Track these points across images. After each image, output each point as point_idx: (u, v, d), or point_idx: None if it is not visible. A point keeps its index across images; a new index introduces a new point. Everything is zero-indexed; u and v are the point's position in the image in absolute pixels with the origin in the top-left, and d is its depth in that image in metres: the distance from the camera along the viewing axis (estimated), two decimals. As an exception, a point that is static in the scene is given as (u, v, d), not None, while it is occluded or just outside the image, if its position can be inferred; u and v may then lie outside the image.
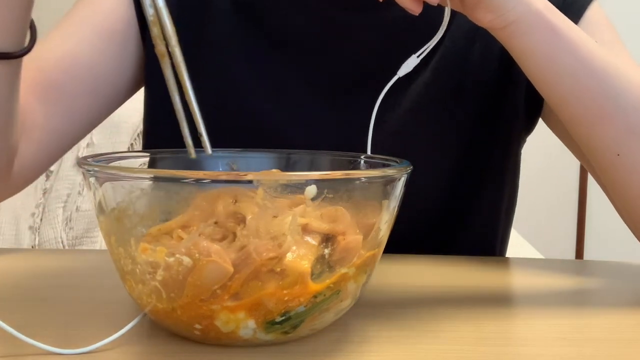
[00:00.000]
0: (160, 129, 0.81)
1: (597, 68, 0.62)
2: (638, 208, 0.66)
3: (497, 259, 0.83)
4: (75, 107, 0.76)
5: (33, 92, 0.72)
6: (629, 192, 0.65)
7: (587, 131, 0.65)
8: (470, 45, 0.78)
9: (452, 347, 0.49)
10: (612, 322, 0.57)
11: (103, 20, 0.78)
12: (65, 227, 1.27)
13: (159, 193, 0.46)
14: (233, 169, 0.60)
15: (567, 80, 0.63)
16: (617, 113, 0.62)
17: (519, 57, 0.64)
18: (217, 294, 0.44)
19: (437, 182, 0.79)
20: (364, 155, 0.59)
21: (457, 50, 0.78)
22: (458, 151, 0.79)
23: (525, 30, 0.61)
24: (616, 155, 0.63)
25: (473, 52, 0.78)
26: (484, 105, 0.79)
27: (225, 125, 0.77)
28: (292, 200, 0.45)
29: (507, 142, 0.82)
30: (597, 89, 0.62)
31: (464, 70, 0.78)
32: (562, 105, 0.65)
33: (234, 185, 0.46)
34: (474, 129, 0.79)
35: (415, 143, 0.78)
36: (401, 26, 0.75)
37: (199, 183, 0.45)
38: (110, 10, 0.78)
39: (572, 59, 0.62)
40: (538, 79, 0.65)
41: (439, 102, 0.78)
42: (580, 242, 2.62)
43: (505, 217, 0.86)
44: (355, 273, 0.47)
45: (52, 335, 0.49)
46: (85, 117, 0.77)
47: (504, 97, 0.79)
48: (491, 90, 0.79)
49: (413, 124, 0.78)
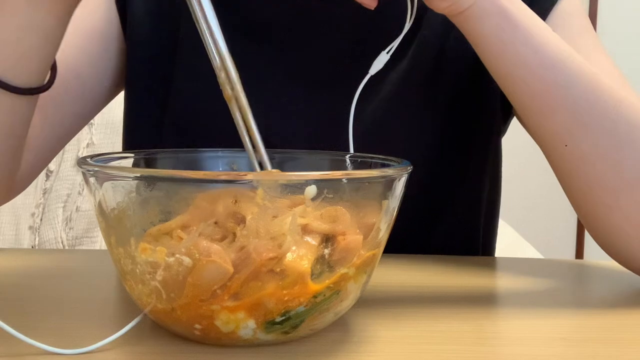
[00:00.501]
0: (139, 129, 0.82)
1: (550, 57, 0.62)
2: (586, 198, 0.66)
3: (497, 258, 0.83)
4: (66, 113, 0.77)
5: None
6: (577, 183, 0.66)
7: (537, 120, 0.65)
8: (447, 33, 0.78)
9: (452, 347, 0.49)
10: (612, 322, 0.57)
11: (85, 21, 0.78)
12: (65, 227, 1.27)
13: (159, 193, 0.46)
14: (233, 169, 0.60)
15: (519, 68, 0.63)
16: (566, 103, 0.62)
17: (473, 42, 0.64)
18: (217, 294, 0.44)
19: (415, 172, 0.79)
20: (364, 155, 0.59)
21: (434, 38, 0.78)
22: (435, 139, 0.79)
23: (480, 15, 0.61)
24: (564, 145, 0.63)
25: (449, 40, 0.78)
26: (460, 94, 0.79)
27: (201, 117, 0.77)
28: (292, 200, 0.45)
29: (485, 131, 0.82)
30: (549, 78, 0.62)
31: (441, 58, 0.78)
32: (514, 93, 0.65)
33: (234, 186, 0.46)
34: (451, 118, 0.79)
35: (393, 132, 0.77)
36: (378, 15, 0.75)
37: (199, 183, 0.45)
38: (92, 11, 0.79)
39: (525, 46, 0.62)
40: (491, 65, 0.64)
41: (416, 91, 0.78)
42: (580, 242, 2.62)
43: (489, 208, 0.85)
44: (355, 273, 0.47)
45: (52, 335, 0.49)
46: (75, 120, 0.79)
47: (481, 85, 0.78)
48: (468, 78, 0.78)
49: (390, 114, 0.77)
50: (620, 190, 0.63)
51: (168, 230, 0.46)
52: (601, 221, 0.66)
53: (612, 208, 0.64)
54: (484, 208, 0.84)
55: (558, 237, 2.59)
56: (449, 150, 0.79)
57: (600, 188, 0.64)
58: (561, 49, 0.63)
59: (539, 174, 2.35)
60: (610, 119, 0.62)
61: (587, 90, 0.62)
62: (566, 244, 2.63)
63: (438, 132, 0.79)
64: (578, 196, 0.67)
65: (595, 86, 0.63)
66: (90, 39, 0.78)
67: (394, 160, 0.54)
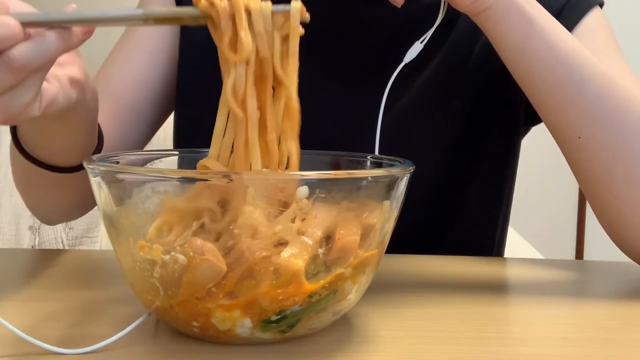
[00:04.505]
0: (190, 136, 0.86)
1: (565, 54, 0.65)
2: (597, 188, 0.68)
3: (497, 259, 0.83)
4: (141, 122, 0.83)
5: (111, 116, 0.79)
6: (589, 173, 0.68)
7: (553, 114, 0.68)
8: (474, 42, 0.81)
9: (452, 347, 0.49)
10: (612, 322, 0.58)
11: (151, 37, 0.84)
12: (65, 227, 1.27)
13: (159, 192, 0.46)
14: None
15: (536, 65, 0.66)
16: (580, 97, 0.65)
17: (494, 41, 0.68)
18: (212, 292, 0.44)
19: (435, 173, 0.81)
20: (370, 156, 0.59)
21: (461, 48, 0.81)
22: (455, 143, 0.81)
23: (501, 14, 0.65)
24: (577, 137, 0.66)
25: (476, 49, 0.81)
26: (484, 101, 0.82)
27: None
28: (286, 199, 0.45)
29: (507, 136, 0.84)
30: (564, 74, 0.65)
31: (467, 66, 0.81)
32: (532, 89, 0.68)
33: (226, 184, 0.46)
34: (473, 124, 0.82)
35: (415, 135, 0.80)
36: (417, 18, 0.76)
37: (190, 182, 0.45)
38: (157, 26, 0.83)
39: (542, 44, 0.65)
40: (511, 63, 0.68)
41: (441, 91, 0.80)
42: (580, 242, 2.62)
43: (503, 212, 0.87)
44: (352, 273, 0.47)
45: (54, 335, 0.49)
46: (148, 129, 0.85)
47: (505, 88, 0.80)
48: (493, 86, 0.81)
49: (414, 117, 0.80)
50: (630, 181, 0.66)
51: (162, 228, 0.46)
52: (612, 211, 0.68)
53: (623, 198, 0.67)
54: (503, 208, 0.87)
55: (558, 237, 2.59)
56: (467, 151, 0.82)
57: (610, 178, 0.66)
58: (575, 47, 0.66)
59: (539, 174, 2.35)
60: (622, 114, 0.65)
61: (600, 86, 0.65)
62: (566, 244, 2.62)
63: (460, 137, 0.81)
64: (590, 186, 0.69)
65: (608, 83, 0.66)
66: (154, 51, 0.84)
67: (397, 160, 0.54)
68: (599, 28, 0.79)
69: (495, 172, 0.85)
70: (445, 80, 0.80)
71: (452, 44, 0.81)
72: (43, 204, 0.78)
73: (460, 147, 0.81)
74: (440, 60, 0.80)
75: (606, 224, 0.70)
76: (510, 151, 0.86)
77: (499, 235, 0.88)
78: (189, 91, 0.84)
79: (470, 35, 0.80)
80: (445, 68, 0.80)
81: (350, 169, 0.59)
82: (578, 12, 0.78)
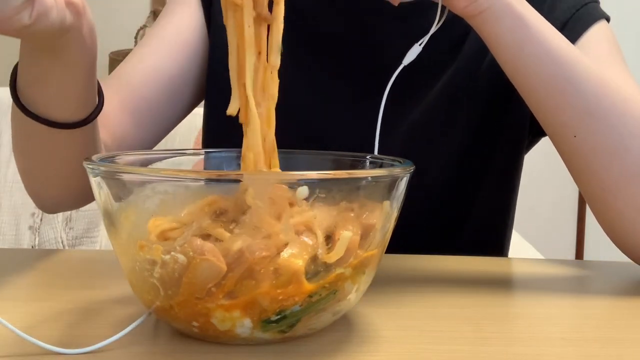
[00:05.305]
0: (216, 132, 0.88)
1: (561, 56, 0.66)
2: (593, 185, 0.69)
3: (497, 259, 0.83)
4: (158, 117, 0.84)
5: (125, 106, 0.80)
6: (585, 172, 0.69)
7: (549, 113, 0.69)
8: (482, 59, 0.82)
9: (452, 347, 0.49)
10: (612, 322, 0.58)
11: (177, 33, 0.85)
12: (65, 227, 1.27)
13: (160, 191, 0.46)
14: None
15: (532, 67, 0.67)
16: (576, 96, 0.66)
17: (490, 44, 0.68)
18: (212, 292, 0.44)
19: (444, 184, 0.82)
20: (369, 156, 0.59)
21: (469, 68, 0.82)
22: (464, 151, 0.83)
23: (496, 17, 0.66)
24: (573, 136, 0.67)
25: (483, 66, 0.82)
26: (491, 114, 0.83)
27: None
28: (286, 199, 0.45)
29: (513, 146, 0.86)
30: (560, 76, 0.66)
31: (476, 81, 0.82)
32: (529, 92, 0.69)
33: (226, 184, 0.46)
34: (479, 136, 0.83)
35: (426, 142, 0.82)
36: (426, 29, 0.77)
37: (190, 182, 0.45)
38: (184, 22, 0.85)
39: (538, 46, 0.66)
40: (508, 66, 0.69)
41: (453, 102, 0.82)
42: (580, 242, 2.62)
43: (509, 219, 0.89)
44: (352, 273, 0.47)
45: (54, 335, 0.49)
46: (165, 124, 0.85)
47: (511, 101, 0.82)
48: (500, 92, 0.82)
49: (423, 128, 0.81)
50: (625, 178, 0.66)
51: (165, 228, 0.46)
52: (609, 209, 0.69)
53: (619, 196, 0.67)
54: (509, 216, 0.89)
55: (558, 237, 2.59)
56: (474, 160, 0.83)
57: (607, 177, 0.67)
58: (571, 49, 0.67)
59: (540, 175, 2.35)
60: (617, 114, 0.66)
61: (595, 86, 0.66)
62: (566, 244, 2.63)
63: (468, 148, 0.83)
64: (587, 185, 0.70)
65: (604, 84, 0.67)
66: (178, 47, 0.85)
67: (397, 160, 0.54)
68: (603, 40, 0.80)
69: (501, 184, 0.86)
70: (457, 93, 0.82)
71: (465, 56, 0.82)
72: (42, 180, 0.75)
73: (469, 159, 0.83)
74: (453, 72, 0.82)
75: (604, 223, 0.71)
76: (516, 162, 0.87)
77: (504, 243, 0.90)
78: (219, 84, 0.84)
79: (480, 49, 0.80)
80: (457, 80, 0.82)
81: (350, 169, 0.59)
82: (583, 25, 0.79)
